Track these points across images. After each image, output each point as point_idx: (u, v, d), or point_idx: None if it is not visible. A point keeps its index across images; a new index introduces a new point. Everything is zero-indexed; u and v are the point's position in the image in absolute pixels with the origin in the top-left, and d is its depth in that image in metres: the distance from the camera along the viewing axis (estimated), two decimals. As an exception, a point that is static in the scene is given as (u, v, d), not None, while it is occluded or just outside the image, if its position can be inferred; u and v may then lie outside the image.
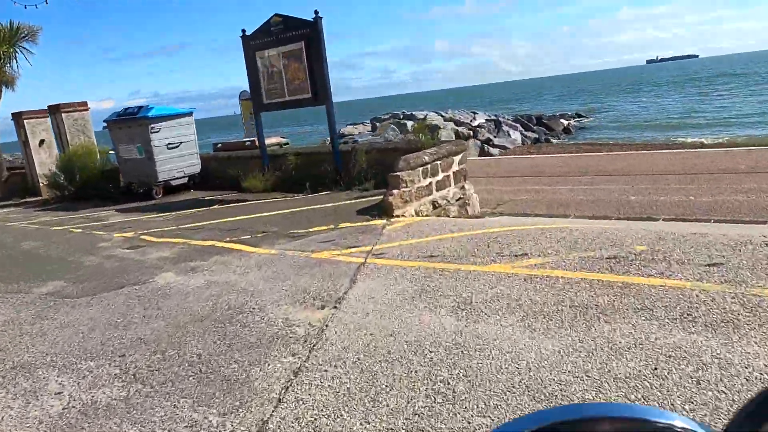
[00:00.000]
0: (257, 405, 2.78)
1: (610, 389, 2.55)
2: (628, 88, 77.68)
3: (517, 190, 10.82)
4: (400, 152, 8.70)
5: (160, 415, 2.80)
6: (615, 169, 11.95)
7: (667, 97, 51.50)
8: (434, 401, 2.60)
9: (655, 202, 8.54)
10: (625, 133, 28.86)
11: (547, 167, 13.17)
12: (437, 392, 2.67)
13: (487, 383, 2.70)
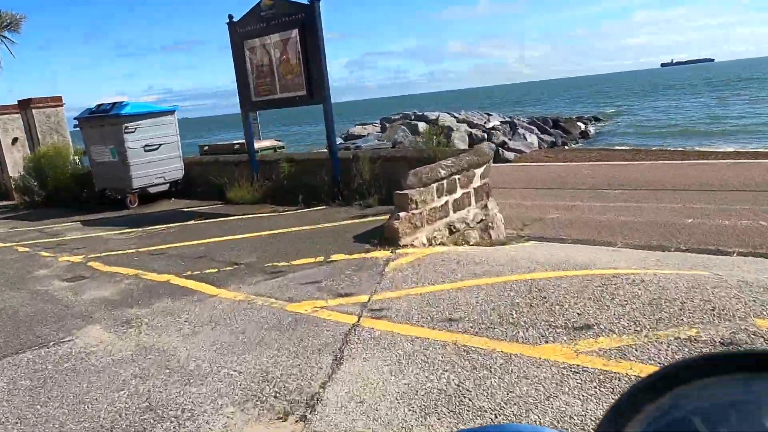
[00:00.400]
0: None
1: None
2: (643, 92, 75.99)
3: (543, 205, 9.36)
4: (410, 162, 7.30)
5: None
6: (652, 181, 10.46)
7: (685, 101, 49.76)
8: None
9: (719, 228, 7.07)
10: (647, 140, 27.28)
11: (574, 177, 11.71)
12: None
13: None
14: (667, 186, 9.93)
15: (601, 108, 52.12)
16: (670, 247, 6.43)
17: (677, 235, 6.93)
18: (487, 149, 7.00)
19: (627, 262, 4.70)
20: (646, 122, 36.91)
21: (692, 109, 41.22)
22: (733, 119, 31.94)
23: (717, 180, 9.88)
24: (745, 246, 6.26)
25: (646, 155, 18.02)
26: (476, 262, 4.68)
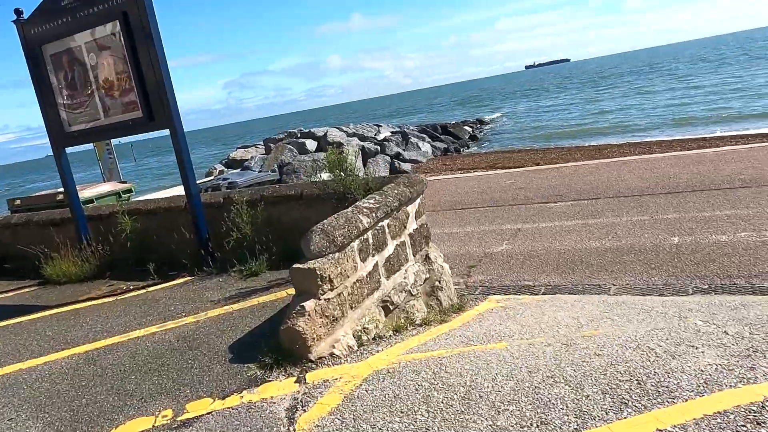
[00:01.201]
0: None
1: None
2: (515, 93, 79.47)
3: (481, 232, 7.44)
4: (308, 202, 5.01)
5: None
6: (590, 188, 8.95)
7: (556, 100, 51.90)
8: None
9: (721, 248, 5.45)
10: (538, 141, 26.94)
11: (500, 191, 9.99)
12: None
13: None
14: (610, 193, 8.42)
15: (481, 111, 53.32)
16: (686, 288, 4.65)
17: (678, 265, 5.21)
18: (421, 177, 4.86)
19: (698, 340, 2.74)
20: (529, 123, 37.27)
21: (569, 107, 42.49)
22: (613, 114, 32.78)
23: (667, 179, 8.52)
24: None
25: (559, 155, 16.97)
26: (442, 392, 2.49)
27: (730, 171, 8.51)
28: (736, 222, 6.14)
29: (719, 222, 6.24)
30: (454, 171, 18.03)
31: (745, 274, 4.75)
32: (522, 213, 8.09)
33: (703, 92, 34.78)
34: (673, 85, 43.34)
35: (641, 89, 44.63)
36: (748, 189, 7.39)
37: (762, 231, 5.72)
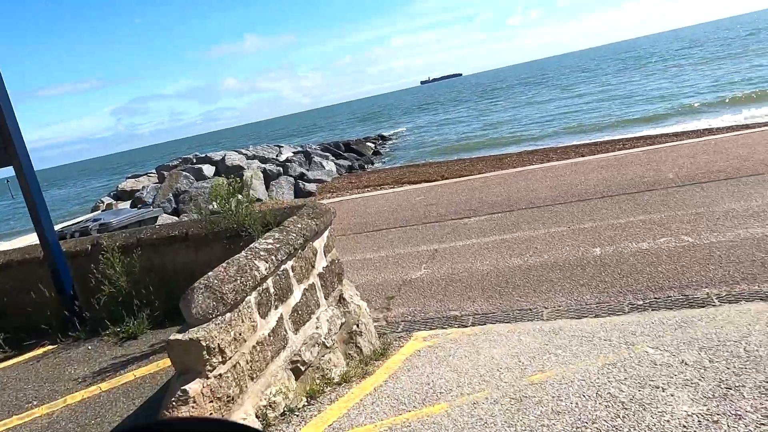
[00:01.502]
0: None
1: None
2: (413, 108, 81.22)
3: (397, 256, 6.91)
4: (196, 244, 4.22)
5: None
6: (502, 200, 8.73)
7: (453, 113, 53.42)
8: None
9: (638, 255, 5.24)
10: (442, 155, 27.18)
11: (411, 209, 9.55)
12: None
13: None
14: (522, 204, 8.21)
15: (382, 127, 53.75)
16: (621, 306, 4.33)
17: (606, 279, 4.91)
18: (328, 206, 4.20)
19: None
20: (430, 136, 37.81)
21: (466, 120, 43.68)
22: (509, 124, 33.91)
23: (576, 187, 8.44)
24: (707, 281, 4.42)
25: (463, 167, 16.95)
26: None
27: (632, 175, 8.60)
28: (652, 227, 6.02)
29: (636, 228, 6.10)
30: (361, 189, 17.57)
31: (676, 285, 4.52)
32: (437, 232, 7.66)
33: (587, 100, 36.95)
34: (559, 95, 45.87)
35: (530, 100, 46.84)
36: (654, 192, 7.42)
37: (680, 235, 5.61)
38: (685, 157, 9.10)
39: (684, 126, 19.03)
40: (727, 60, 42.18)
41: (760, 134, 9.80)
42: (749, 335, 3.32)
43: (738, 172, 7.54)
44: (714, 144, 9.71)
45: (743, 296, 4.10)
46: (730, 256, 4.86)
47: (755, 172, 7.37)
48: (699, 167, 8.21)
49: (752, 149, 8.65)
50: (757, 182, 6.92)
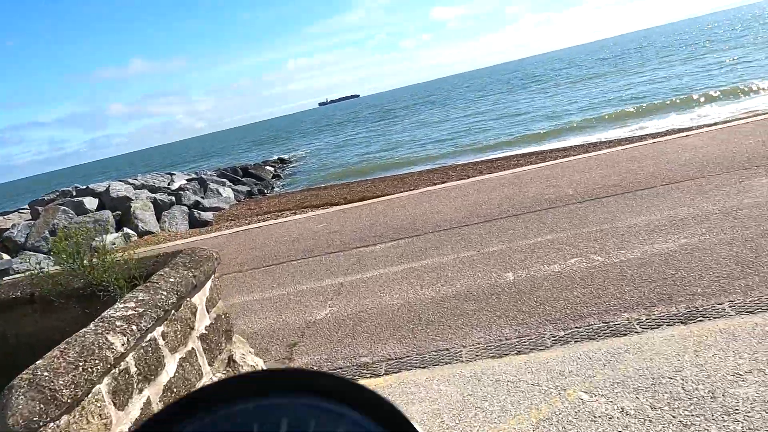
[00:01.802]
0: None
1: None
2: (312, 130, 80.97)
3: (299, 293, 6.30)
4: (44, 309, 3.41)
5: None
6: (410, 224, 8.40)
7: (352, 134, 53.66)
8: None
9: (551, 279, 5.02)
10: (340, 176, 26.86)
11: (312, 236, 8.98)
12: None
13: None
14: (428, 227, 7.91)
15: (282, 150, 52.86)
16: (543, 339, 4.01)
17: (523, 308, 4.62)
18: (211, 253, 3.53)
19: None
20: (330, 158, 37.46)
21: (365, 140, 43.81)
22: (407, 145, 34.28)
23: (480, 207, 8.26)
24: (625, 305, 4.23)
25: (365, 188, 16.60)
26: None
27: (533, 192, 8.60)
28: (561, 247, 5.88)
29: (545, 249, 5.93)
30: (262, 215, 16.74)
31: (595, 311, 4.30)
32: (341, 263, 7.14)
33: (480, 119, 38.31)
34: (453, 114, 47.36)
35: (426, 120, 47.96)
36: (557, 209, 7.38)
37: (589, 255, 5.48)
38: (581, 172, 9.27)
39: (571, 141, 19.99)
40: (605, 77, 45.58)
41: (644, 148, 10.24)
42: (682, 369, 3.09)
43: (632, 185, 7.69)
44: (605, 158, 10.01)
45: (663, 320, 3.92)
46: (642, 275, 4.74)
47: (648, 185, 7.55)
48: (595, 182, 8.34)
49: (641, 163, 8.95)
50: (651, 195, 7.06)
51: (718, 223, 5.57)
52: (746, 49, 40.59)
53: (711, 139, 9.54)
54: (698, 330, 3.65)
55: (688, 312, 3.96)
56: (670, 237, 5.50)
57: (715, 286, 4.27)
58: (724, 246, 4.98)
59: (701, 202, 6.35)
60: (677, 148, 9.42)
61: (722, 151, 8.46)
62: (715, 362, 3.12)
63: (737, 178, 6.97)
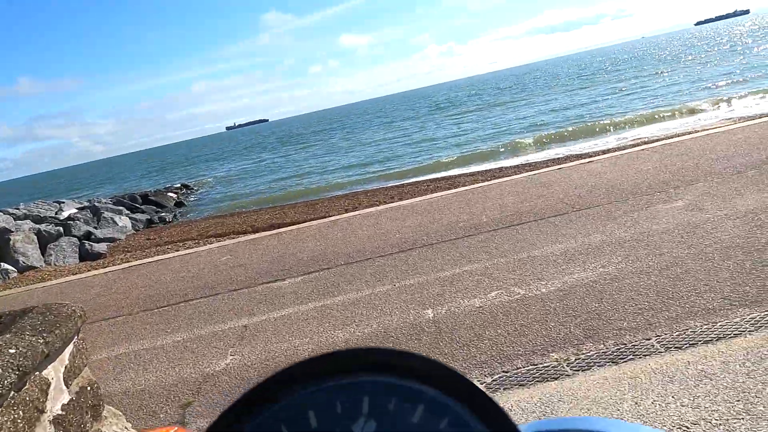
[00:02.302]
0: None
1: None
2: (219, 155, 78.74)
3: (198, 338, 5.59)
4: None
5: None
6: (321, 255, 7.91)
7: (259, 159, 52.56)
8: None
9: (473, 315, 4.70)
10: (247, 204, 25.88)
11: (215, 270, 8.23)
12: None
13: None
14: (341, 259, 7.45)
15: (186, 176, 50.72)
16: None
17: (445, 350, 4.24)
18: (72, 308, 2.84)
19: None
20: (237, 184, 36.18)
21: (272, 166, 42.84)
22: (314, 173, 33.81)
23: (394, 236, 7.91)
24: (552, 343, 3.96)
25: (273, 215, 15.85)
26: None
27: (448, 220, 8.40)
28: (480, 279, 5.62)
29: (464, 281, 5.65)
30: (162, 245, 15.56)
31: (521, 351, 4.01)
32: (246, 301, 6.49)
33: (387, 145, 38.65)
34: (359, 140, 47.65)
35: (334, 146, 47.82)
36: (473, 237, 7.19)
37: (510, 287, 5.24)
38: (493, 198, 9.22)
39: (481, 167, 20.40)
40: (506, 106, 47.68)
41: (552, 174, 10.41)
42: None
43: (545, 212, 7.67)
44: (516, 184, 10.06)
45: (593, 360, 3.69)
46: (566, 309, 4.54)
47: (560, 211, 7.55)
48: (509, 208, 8.27)
49: (550, 188, 9.04)
50: (564, 222, 7.03)
51: (633, 250, 5.55)
52: (639, 80, 44.02)
53: (613, 165, 9.85)
54: (631, 371, 3.44)
55: (617, 350, 3.75)
56: (587, 266, 5.39)
57: (640, 319, 4.12)
58: (641, 275, 4.91)
59: (613, 228, 6.36)
60: (583, 174, 9.63)
61: (625, 177, 8.70)
62: (657, 411, 2.89)
63: (643, 203, 7.10)
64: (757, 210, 5.96)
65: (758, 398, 2.90)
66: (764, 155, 8.22)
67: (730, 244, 5.18)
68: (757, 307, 3.97)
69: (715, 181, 7.42)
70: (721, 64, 42.22)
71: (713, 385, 3.10)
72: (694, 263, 4.93)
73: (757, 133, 9.98)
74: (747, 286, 4.31)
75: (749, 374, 3.15)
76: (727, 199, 6.55)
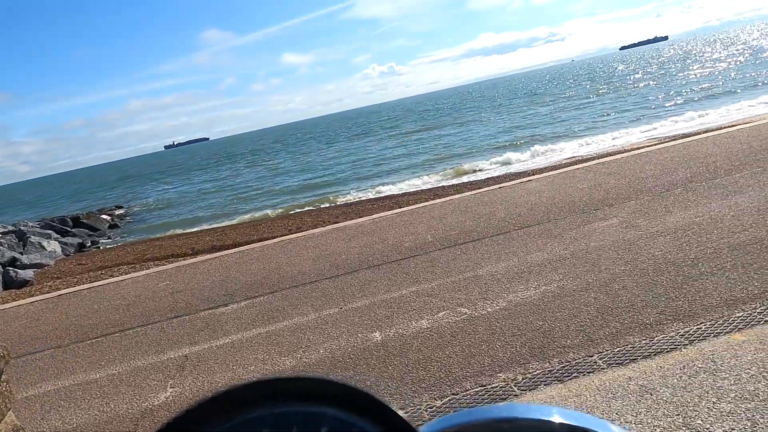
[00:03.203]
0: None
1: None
2: (157, 174, 76.61)
3: (135, 371, 5.31)
4: None
5: None
6: (265, 279, 7.75)
7: (199, 179, 51.42)
8: None
9: (422, 337, 4.70)
10: (186, 224, 25.17)
11: (152, 297, 7.90)
12: None
13: None
14: (286, 282, 7.32)
15: (121, 197, 48.93)
16: (420, 411, 3.61)
17: (395, 374, 4.20)
18: None
19: None
20: (175, 205, 35.14)
21: (213, 187, 41.93)
22: (255, 192, 33.32)
23: (340, 257, 7.84)
24: (499, 364, 4.00)
25: (215, 237, 15.43)
26: None
27: (393, 240, 8.41)
28: (427, 300, 5.63)
29: (411, 302, 5.65)
30: (95, 271, 14.85)
31: (470, 372, 4.03)
32: (186, 329, 6.25)
33: (329, 164, 38.66)
34: (299, 159, 47.50)
35: (276, 166, 47.37)
36: (419, 257, 7.22)
37: (456, 307, 5.28)
38: (437, 218, 9.32)
39: (423, 186, 20.65)
40: (445, 127, 48.69)
41: (492, 192, 10.65)
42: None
43: (488, 231, 7.81)
44: (458, 203, 10.22)
45: (540, 379, 3.74)
46: (512, 328, 4.60)
47: (502, 230, 7.70)
48: (453, 228, 8.37)
49: (492, 207, 9.23)
50: (507, 240, 7.18)
51: (573, 268, 5.71)
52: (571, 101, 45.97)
53: (550, 184, 10.18)
54: (576, 388, 3.51)
55: (562, 368, 3.83)
56: (530, 284, 5.50)
57: (582, 337, 4.23)
58: (582, 292, 5.06)
59: (553, 246, 6.54)
60: (522, 193, 9.90)
61: (562, 196, 9.00)
62: (603, 429, 2.96)
63: (580, 221, 7.35)
64: (685, 226, 6.28)
65: (696, 411, 3.01)
66: (689, 174, 8.71)
67: (663, 260, 5.42)
68: (690, 320, 4.15)
69: (646, 198, 7.79)
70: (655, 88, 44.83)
71: (654, 400, 3.20)
72: (630, 279, 5.12)
73: (681, 153, 10.58)
74: (679, 300, 4.51)
75: (686, 388, 3.27)
76: (658, 216, 6.88)
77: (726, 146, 10.24)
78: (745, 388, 3.15)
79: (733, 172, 8.27)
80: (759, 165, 8.34)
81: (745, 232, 5.71)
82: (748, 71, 41.10)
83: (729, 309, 4.21)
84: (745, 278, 4.66)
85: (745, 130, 11.57)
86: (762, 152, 9.14)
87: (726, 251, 5.34)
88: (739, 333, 3.81)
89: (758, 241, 5.40)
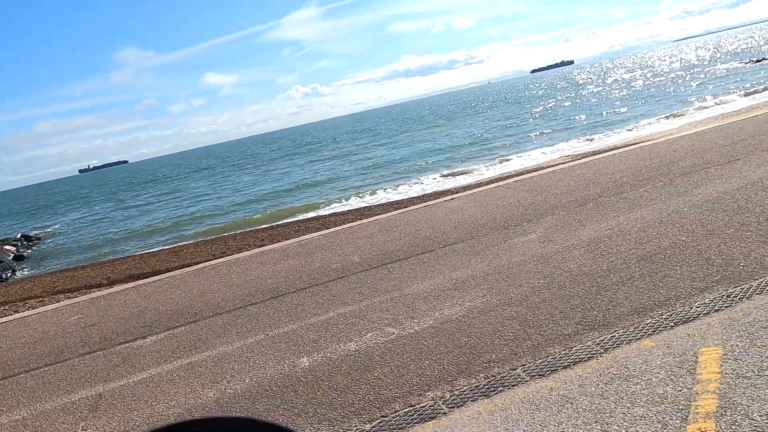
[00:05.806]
0: None
1: None
2: (70, 201, 72.54)
3: (41, 415, 4.92)
4: None
5: None
6: (186, 308, 7.44)
7: (114, 206, 49.10)
8: None
9: (350, 360, 4.65)
10: (100, 255, 23.86)
11: (62, 333, 7.37)
12: None
13: None
14: (209, 311, 7.06)
15: (26, 226, 45.77)
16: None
17: (324, 400, 4.12)
18: None
19: None
20: (89, 233, 33.27)
21: (129, 214, 40.14)
22: (169, 217, 32.20)
23: (264, 282, 7.65)
24: (427, 382, 4.01)
25: (132, 265, 14.67)
26: None
27: (320, 262, 8.33)
28: (355, 321, 5.60)
29: (338, 325, 5.59)
30: None
31: (399, 393, 4.02)
32: (100, 365, 5.87)
33: (253, 184, 38.02)
34: (221, 184, 46.43)
35: (195, 190, 46.04)
36: (346, 279, 7.18)
37: (383, 328, 5.28)
38: (364, 238, 9.33)
39: (349, 205, 20.68)
40: (367, 147, 49.14)
41: (418, 211, 10.81)
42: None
43: (413, 249, 7.90)
44: (384, 223, 10.29)
45: (467, 395, 3.79)
46: (439, 346, 4.65)
47: (427, 248, 7.82)
48: (379, 248, 8.41)
49: (417, 226, 9.36)
50: (432, 259, 7.28)
51: (495, 283, 5.87)
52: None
53: (473, 202, 10.47)
54: (502, 402, 3.58)
55: (488, 383, 3.90)
56: (456, 301, 5.60)
57: (506, 350, 4.33)
58: (504, 306, 5.20)
59: (476, 262, 6.70)
60: (446, 211, 10.11)
61: (484, 213, 9.27)
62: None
63: (501, 237, 7.59)
64: (597, 239, 6.63)
65: (612, 418, 3.14)
66: (599, 189, 9.23)
67: (578, 272, 5.68)
68: (604, 329, 4.36)
69: (561, 214, 8.16)
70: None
71: (574, 409, 3.32)
72: (549, 292, 5.32)
73: (591, 170, 11.21)
74: (595, 310, 4.73)
75: (603, 395, 3.41)
76: (572, 230, 7.22)
77: (631, 163, 10.95)
78: (655, 391, 3.33)
79: (638, 186, 8.83)
80: (660, 179, 8.97)
81: (650, 243, 6.10)
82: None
83: (638, 316, 4.45)
84: (652, 287, 4.97)
85: (647, 148, 12.44)
86: (662, 167, 9.85)
87: (634, 262, 5.67)
88: (648, 339, 4.04)
89: (662, 251, 5.78)
